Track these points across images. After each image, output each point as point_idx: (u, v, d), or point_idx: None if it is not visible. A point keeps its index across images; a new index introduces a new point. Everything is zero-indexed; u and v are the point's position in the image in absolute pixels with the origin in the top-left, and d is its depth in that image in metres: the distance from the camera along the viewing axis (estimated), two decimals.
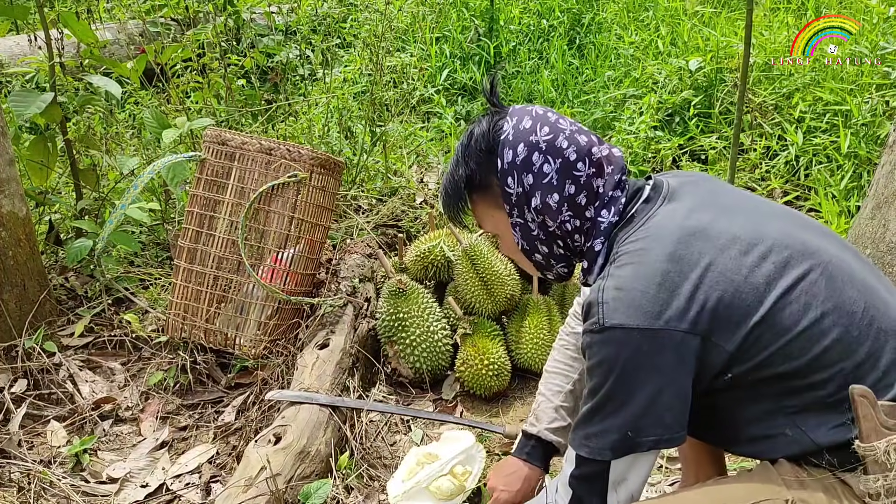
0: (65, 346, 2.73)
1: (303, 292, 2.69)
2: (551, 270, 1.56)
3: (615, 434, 1.26)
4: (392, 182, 3.85)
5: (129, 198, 2.68)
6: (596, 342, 1.27)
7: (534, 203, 1.44)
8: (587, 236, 1.47)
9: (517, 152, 1.44)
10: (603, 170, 1.45)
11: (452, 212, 1.57)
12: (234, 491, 1.83)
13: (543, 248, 1.51)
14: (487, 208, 1.53)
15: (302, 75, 4.56)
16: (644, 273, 1.28)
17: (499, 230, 1.56)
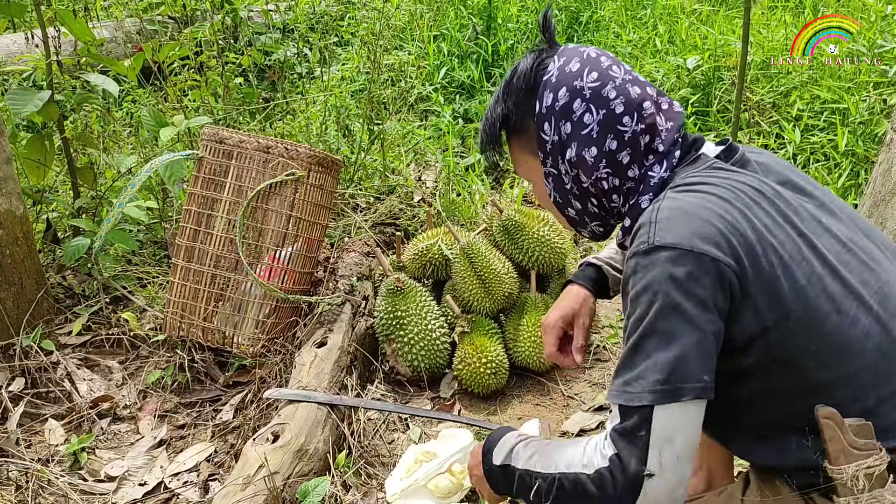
0: (62, 344, 2.73)
1: (301, 291, 2.69)
2: (585, 227, 1.47)
3: (657, 374, 1.10)
4: (390, 180, 3.85)
5: (127, 196, 2.68)
6: (642, 265, 1.15)
7: (569, 154, 1.35)
8: (627, 196, 1.36)
9: (558, 97, 1.34)
10: (655, 128, 1.33)
11: (488, 153, 1.50)
12: (232, 489, 1.83)
13: (577, 204, 1.42)
14: (522, 152, 1.45)
15: (300, 73, 4.56)
16: (710, 203, 1.18)
17: (532, 178, 1.48)
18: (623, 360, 1.16)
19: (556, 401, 2.56)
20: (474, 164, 4.15)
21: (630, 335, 1.16)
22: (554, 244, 2.74)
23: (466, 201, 3.67)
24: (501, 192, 4.04)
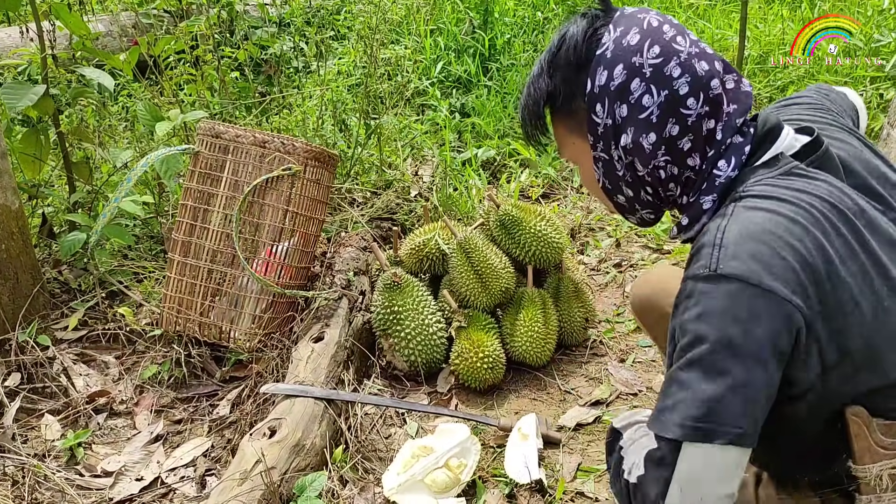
0: (58, 339, 2.72)
1: (297, 285, 2.68)
2: (634, 215, 1.34)
3: (693, 410, 1.02)
4: (387, 175, 3.84)
5: (123, 191, 2.67)
6: (700, 292, 1.05)
7: (623, 140, 1.21)
8: (686, 188, 1.24)
9: (613, 75, 1.18)
10: (720, 109, 1.19)
11: (529, 131, 1.33)
12: (229, 484, 1.83)
13: (628, 192, 1.28)
14: (568, 133, 1.30)
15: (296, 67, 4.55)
16: (783, 229, 1.05)
17: (578, 161, 1.33)
18: (663, 387, 1.09)
19: (553, 395, 2.56)
20: (471, 158, 4.15)
21: (674, 362, 1.08)
22: (551, 239, 2.73)
23: (463, 196, 3.67)
24: (498, 187, 4.04)
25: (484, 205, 3.50)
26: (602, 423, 2.35)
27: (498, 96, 4.87)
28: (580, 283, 2.86)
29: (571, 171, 4.21)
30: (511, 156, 4.34)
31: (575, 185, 4.11)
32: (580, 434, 2.32)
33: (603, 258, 3.39)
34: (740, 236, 1.06)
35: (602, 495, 1.99)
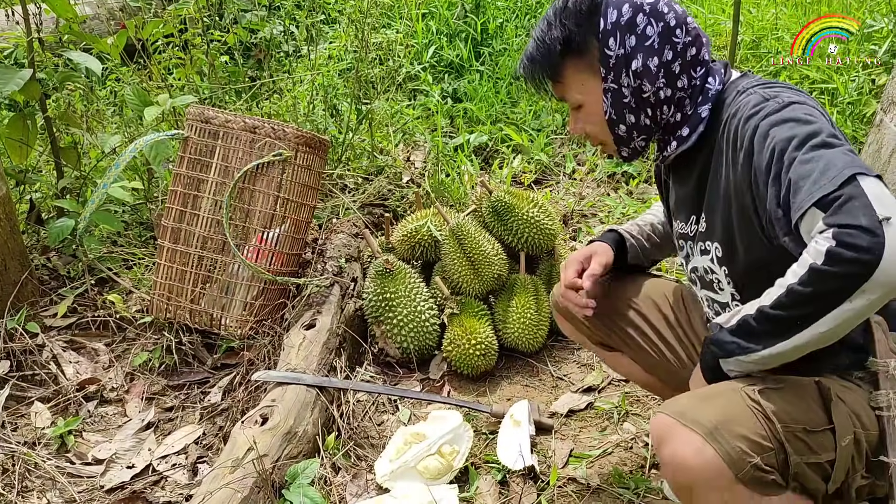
0: (48, 326, 2.70)
1: (288, 272, 2.67)
2: (628, 146, 1.57)
3: (841, 159, 1.17)
4: (378, 161, 3.82)
5: (111, 177, 2.64)
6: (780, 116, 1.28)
7: (634, 66, 1.45)
8: (678, 106, 1.49)
9: (622, 12, 1.45)
10: (700, 41, 1.48)
11: (538, 79, 1.56)
12: (220, 472, 1.83)
13: (630, 118, 1.51)
14: (579, 73, 1.52)
15: (286, 52, 4.50)
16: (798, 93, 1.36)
17: (585, 99, 1.55)
18: (797, 173, 1.20)
19: (545, 382, 2.56)
20: (463, 144, 4.13)
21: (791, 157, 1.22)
22: (543, 226, 2.73)
23: (455, 182, 3.65)
24: (490, 173, 4.02)
25: (476, 191, 3.49)
26: (594, 410, 2.35)
27: (490, 81, 4.84)
28: None
29: (564, 158, 4.20)
30: (503, 141, 4.33)
31: (567, 171, 4.10)
32: (572, 420, 2.32)
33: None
34: (778, 91, 1.35)
35: (594, 481, 2.00)
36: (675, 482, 1.31)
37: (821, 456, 1.29)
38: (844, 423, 1.30)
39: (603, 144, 1.62)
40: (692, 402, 1.31)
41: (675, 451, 1.26)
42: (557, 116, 4.44)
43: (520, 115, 4.52)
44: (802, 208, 1.18)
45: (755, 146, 1.31)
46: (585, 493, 1.98)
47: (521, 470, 2.00)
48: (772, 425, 1.26)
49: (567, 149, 4.27)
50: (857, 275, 1.12)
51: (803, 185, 1.19)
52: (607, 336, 1.92)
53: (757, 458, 1.23)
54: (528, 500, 1.92)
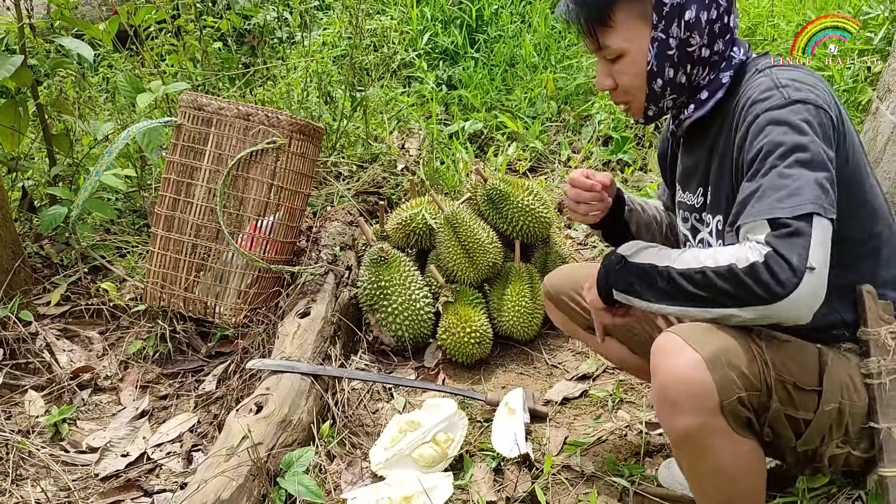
0: (41, 314, 2.69)
1: (283, 260, 2.66)
2: (657, 104, 1.55)
3: (813, 191, 1.25)
4: (373, 148, 3.81)
5: (104, 164, 2.63)
6: (780, 115, 1.32)
7: (687, 16, 1.44)
8: (711, 69, 1.51)
9: None
10: (732, 6, 1.49)
11: (583, 22, 1.51)
12: (215, 460, 1.82)
13: (669, 72, 1.50)
14: (630, 17, 1.48)
15: (280, 38, 4.47)
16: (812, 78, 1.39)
17: (628, 48, 1.51)
18: (770, 185, 1.28)
19: (540, 370, 2.57)
20: (458, 131, 4.12)
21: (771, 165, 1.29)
22: (538, 214, 2.72)
23: (450, 170, 3.64)
24: (485, 161, 4.01)
25: (471, 179, 3.48)
26: (588, 398, 2.36)
27: (485, 68, 4.82)
28: (567, 258, 2.85)
29: (559, 145, 4.19)
30: (498, 129, 4.31)
31: (562, 158, 4.09)
32: (567, 408, 2.33)
33: (590, 232, 3.38)
34: (791, 80, 1.37)
35: (588, 468, 2.00)
36: (664, 396, 1.33)
37: (799, 413, 1.37)
38: (833, 391, 1.38)
39: (628, 102, 1.60)
40: (701, 330, 1.35)
41: (675, 364, 1.31)
42: (552, 104, 4.43)
43: (515, 103, 4.50)
44: (757, 217, 1.28)
45: (749, 135, 1.36)
46: (580, 480, 1.98)
47: (515, 457, 2.00)
48: (766, 369, 1.33)
49: (562, 136, 4.26)
50: (761, 297, 1.24)
51: (769, 196, 1.28)
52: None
53: (744, 393, 1.31)
54: (522, 488, 1.92)
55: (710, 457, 1.34)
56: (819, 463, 1.46)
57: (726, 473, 1.36)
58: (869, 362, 1.40)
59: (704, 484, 1.41)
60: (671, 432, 1.36)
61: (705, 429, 1.31)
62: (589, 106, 4.28)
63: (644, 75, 1.52)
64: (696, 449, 1.35)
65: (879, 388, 1.39)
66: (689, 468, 1.42)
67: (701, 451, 1.34)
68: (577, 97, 4.47)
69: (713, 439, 1.32)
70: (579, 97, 4.47)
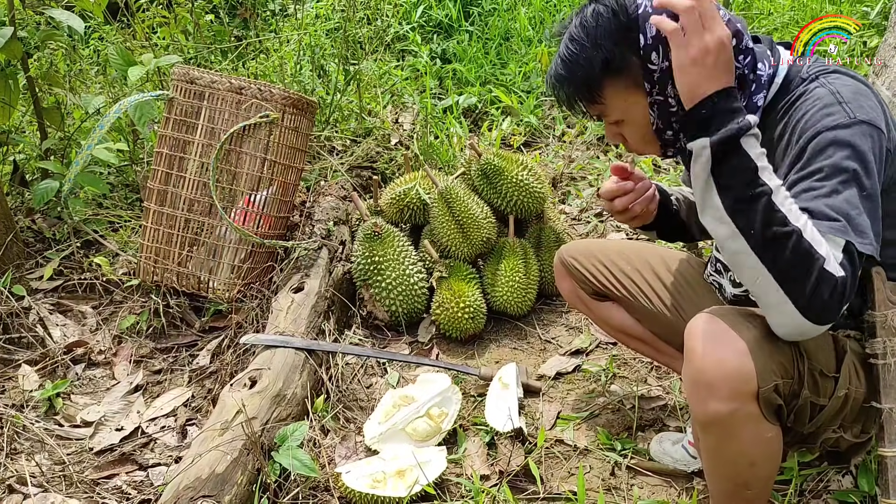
0: (34, 289, 2.69)
1: (276, 235, 2.65)
2: (674, 146, 1.52)
3: (872, 231, 1.24)
4: (366, 123, 3.78)
5: (96, 138, 2.61)
6: (846, 136, 1.26)
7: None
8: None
9: None
10: (737, 29, 1.41)
11: (574, 102, 1.51)
12: (210, 434, 1.83)
13: (676, 124, 1.47)
14: (620, 91, 1.46)
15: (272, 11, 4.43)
16: (866, 90, 1.34)
17: (628, 115, 1.50)
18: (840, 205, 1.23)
19: (534, 345, 2.57)
20: (452, 106, 4.09)
21: (834, 188, 1.24)
22: (532, 189, 2.72)
23: (444, 144, 3.63)
24: (480, 136, 4.00)
25: (465, 153, 3.47)
26: (581, 373, 2.37)
27: (479, 42, 4.78)
28: (561, 233, 2.85)
29: (553, 120, 4.17)
30: (493, 103, 4.29)
31: (556, 133, 4.07)
32: (560, 383, 2.34)
33: (584, 208, 3.38)
34: (853, 94, 1.31)
35: (581, 443, 2.02)
36: (700, 379, 1.32)
37: (820, 399, 1.38)
38: (846, 377, 1.39)
39: (643, 150, 1.59)
40: (739, 314, 1.34)
41: (716, 349, 1.29)
42: None
43: (509, 77, 4.47)
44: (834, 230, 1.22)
45: (808, 152, 1.29)
46: (573, 454, 2.00)
47: (509, 432, 2.01)
48: (801, 359, 1.34)
49: (557, 111, 4.24)
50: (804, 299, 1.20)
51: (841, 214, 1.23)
52: (607, 279, 1.95)
53: (780, 380, 1.31)
54: (515, 462, 1.94)
55: (735, 441, 1.34)
56: (811, 443, 1.48)
57: (747, 457, 1.37)
58: (875, 343, 1.40)
59: (724, 466, 1.41)
60: (701, 415, 1.34)
61: (738, 414, 1.30)
62: None
63: (651, 133, 1.50)
64: (724, 433, 1.34)
65: (884, 368, 1.39)
66: (711, 450, 1.41)
67: (728, 435, 1.34)
68: None
69: (742, 424, 1.32)
70: None
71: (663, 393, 2.21)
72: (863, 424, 1.45)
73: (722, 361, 1.28)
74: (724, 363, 1.28)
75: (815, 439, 1.46)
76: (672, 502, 1.80)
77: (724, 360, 1.28)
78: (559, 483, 1.89)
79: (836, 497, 1.71)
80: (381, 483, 1.83)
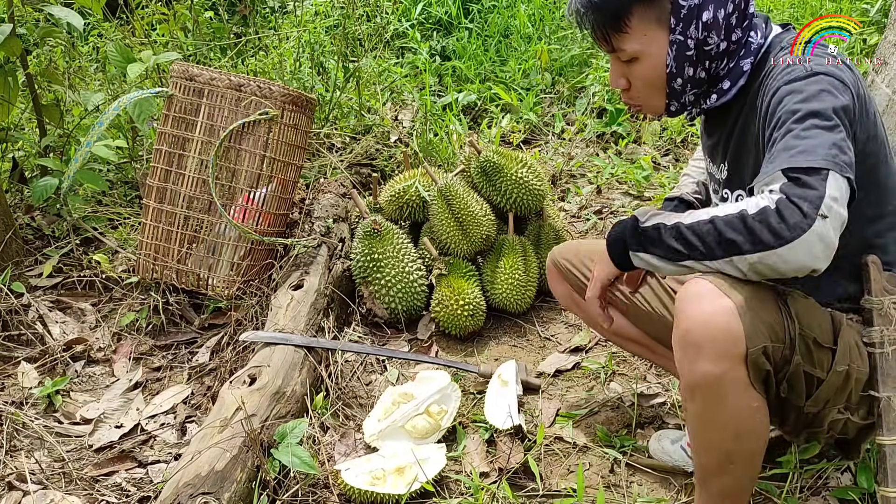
0: (33, 286, 2.69)
1: (276, 232, 2.65)
2: (679, 100, 1.55)
3: (829, 149, 1.25)
4: (366, 120, 3.78)
5: (95, 135, 2.60)
6: (802, 84, 1.34)
7: (705, 17, 1.43)
8: (730, 58, 1.50)
9: None
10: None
11: (597, 27, 1.50)
12: (209, 431, 1.83)
13: (689, 71, 1.49)
14: (646, 23, 1.47)
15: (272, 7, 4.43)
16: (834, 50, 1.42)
17: (645, 51, 1.50)
18: (785, 144, 1.29)
19: (533, 342, 2.57)
20: (452, 103, 4.09)
21: (788, 129, 1.30)
22: (532, 186, 2.71)
23: (444, 142, 3.63)
24: (479, 133, 3.99)
25: (465, 151, 3.47)
26: (581, 370, 2.37)
27: (479, 39, 4.78)
28: (561, 231, 2.85)
29: (553, 117, 4.17)
30: (492, 101, 4.29)
31: (556, 130, 4.07)
32: (559, 380, 2.34)
33: (584, 205, 3.38)
34: (817, 56, 1.40)
35: (580, 440, 2.02)
36: (688, 339, 1.33)
37: (815, 370, 1.38)
38: (844, 352, 1.40)
39: (644, 100, 1.60)
40: (729, 279, 1.35)
41: (704, 309, 1.30)
42: (547, 75, 4.40)
43: (509, 74, 4.47)
44: (770, 172, 1.28)
45: (770, 108, 1.37)
46: (572, 451, 2.00)
47: (508, 429, 2.01)
48: (791, 323, 1.34)
49: (556, 108, 4.24)
50: (767, 241, 1.23)
51: (783, 154, 1.28)
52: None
53: (769, 343, 1.31)
54: (515, 459, 1.94)
55: (720, 407, 1.34)
56: (818, 427, 1.47)
57: (732, 427, 1.37)
58: (871, 331, 1.42)
59: (708, 435, 1.41)
60: (688, 377, 1.35)
61: (725, 377, 1.31)
62: (583, 78, 4.25)
63: (662, 77, 1.52)
64: (710, 397, 1.34)
65: (881, 357, 1.41)
66: (696, 417, 1.41)
67: (713, 400, 1.34)
68: (572, 69, 4.45)
69: (729, 389, 1.32)
70: (574, 69, 4.45)
71: (662, 390, 2.21)
72: (869, 406, 1.45)
73: (710, 321, 1.29)
74: (711, 323, 1.29)
75: (821, 421, 1.45)
76: (671, 499, 1.80)
77: (712, 320, 1.29)
78: (558, 480, 1.89)
79: (835, 494, 1.71)
80: (381, 480, 1.83)
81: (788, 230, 1.20)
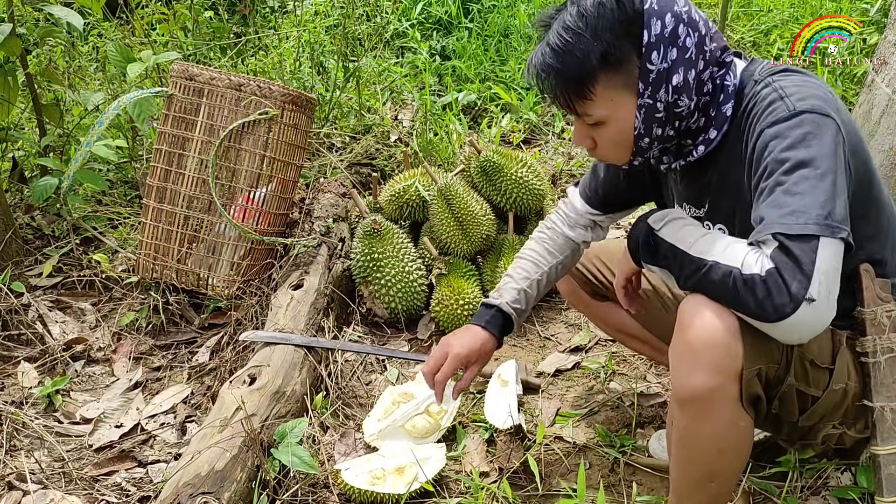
0: (33, 286, 2.69)
1: (276, 232, 2.65)
2: (644, 155, 1.48)
3: (819, 210, 1.20)
4: (366, 119, 3.78)
5: (95, 134, 2.60)
6: (786, 127, 1.28)
7: (675, 80, 1.36)
8: (701, 111, 1.43)
9: (665, 23, 1.33)
10: (720, 40, 1.42)
11: (559, 94, 1.40)
12: (209, 431, 1.83)
13: (657, 131, 1.42)
14: (611, 89, 1.38)
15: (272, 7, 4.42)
16: (815, 83, 1.34)
17: (611, 116, 1.42)
18: (775, 200, 1.25)
19: (533, 342, 2.57)
20: (452, 102, 4.09)
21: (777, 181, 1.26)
22: (532, 186, 2.71)
23: (444, 141, 3.62)
24: (479, 132, 3.99)
25: (465, 150, 3.46)
26: (581, 369, 2.37)
27: (479, 39, 4.78)
28: None
29: (553, 117, 4.17)
30: (492, 100, 4.28)
31: (556, 130, 4.07)
32: (559, 380, 2.34)
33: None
34: (796, 87, 1.32)
35: (580, 439, 2.02)
36: (687, 350, 1.32)
37: (810, 389, 1.38)
38: (842, 371, 1.40)
39: (610, 157, 1.53)
40: None
41: (706, 322, 1.29)
42: None
43: (509, 74, 4.47)
44: (762, 233, 1.24)
45: (756, 152, 1.33)
46: (572, 451, 2.00)
47: (508, 429, 2.01)
48: (790, 347, 1.33)
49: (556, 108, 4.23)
50: (752, 312, 1.22)
51: (774, 213, 1.24)
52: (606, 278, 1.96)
53: (764, 365, 1.31)
54: (515, 459, 1.94)
55: (709, 422, 1.33)
56: (812, 440, 1.47)
57: (717, 444, 1.35)
58: (865, 341, 1.40)
59: (692, 449, 1.39)
60: (681, 388, 1.33)
61: (718, 392, 1.29)
62: None
63: (629, 138, 1.44)
64: (700, 411, 1.33)
65: (875, 366, 1.39)
66: (682, 430, 1.39)
67: (703, 415, 1.33)
68: None
69: (720, 405, 1.31)
70: None
71: (662, 390, 2.21)
72: (865, 420, 1.44)
73: (712, 335, 1.28)
74: (714, 336, 1.28)
75: (816, 435, 1.45)
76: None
77: (715, 334, 1.28)
78: (558, 480, 1.89)
79: (835, 494, 1.71)
80: (381, 480, 1.83)
81: (773, 310, 1.19)
